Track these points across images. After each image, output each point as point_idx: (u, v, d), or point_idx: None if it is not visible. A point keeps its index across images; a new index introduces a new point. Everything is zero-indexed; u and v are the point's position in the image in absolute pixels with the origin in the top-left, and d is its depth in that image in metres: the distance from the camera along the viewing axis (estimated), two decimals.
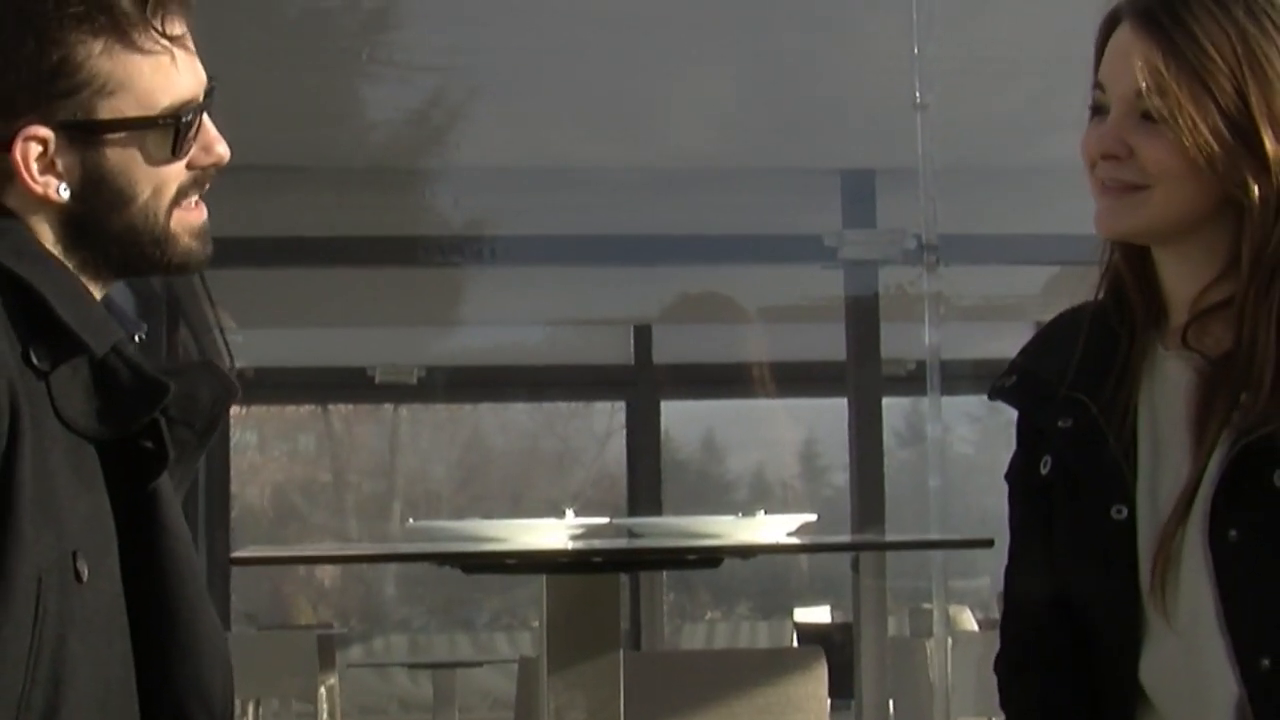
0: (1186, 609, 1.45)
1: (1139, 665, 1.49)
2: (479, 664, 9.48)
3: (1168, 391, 1.51)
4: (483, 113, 6.35)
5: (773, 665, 3.60)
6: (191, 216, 1.45)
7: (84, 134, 1.38)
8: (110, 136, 1.38)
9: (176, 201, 1.43)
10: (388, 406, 12.59)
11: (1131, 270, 1.58)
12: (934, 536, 5.34)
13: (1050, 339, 1.64)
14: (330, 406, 13.17)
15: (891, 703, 6.61)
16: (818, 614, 9.63)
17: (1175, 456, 1.48)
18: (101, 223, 1.40)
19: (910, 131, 5.45)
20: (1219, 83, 1.44)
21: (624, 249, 7.57)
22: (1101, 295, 1.60)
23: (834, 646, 5.54)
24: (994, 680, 1.64)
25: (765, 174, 6.78)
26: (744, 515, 2.94)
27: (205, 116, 1.45)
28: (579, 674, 2.98)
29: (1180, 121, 1.44)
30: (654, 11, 5.33)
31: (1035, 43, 5.49)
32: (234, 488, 10.60)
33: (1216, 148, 1.43)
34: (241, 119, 6.71)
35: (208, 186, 1.47)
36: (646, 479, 9.95)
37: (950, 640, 5.79)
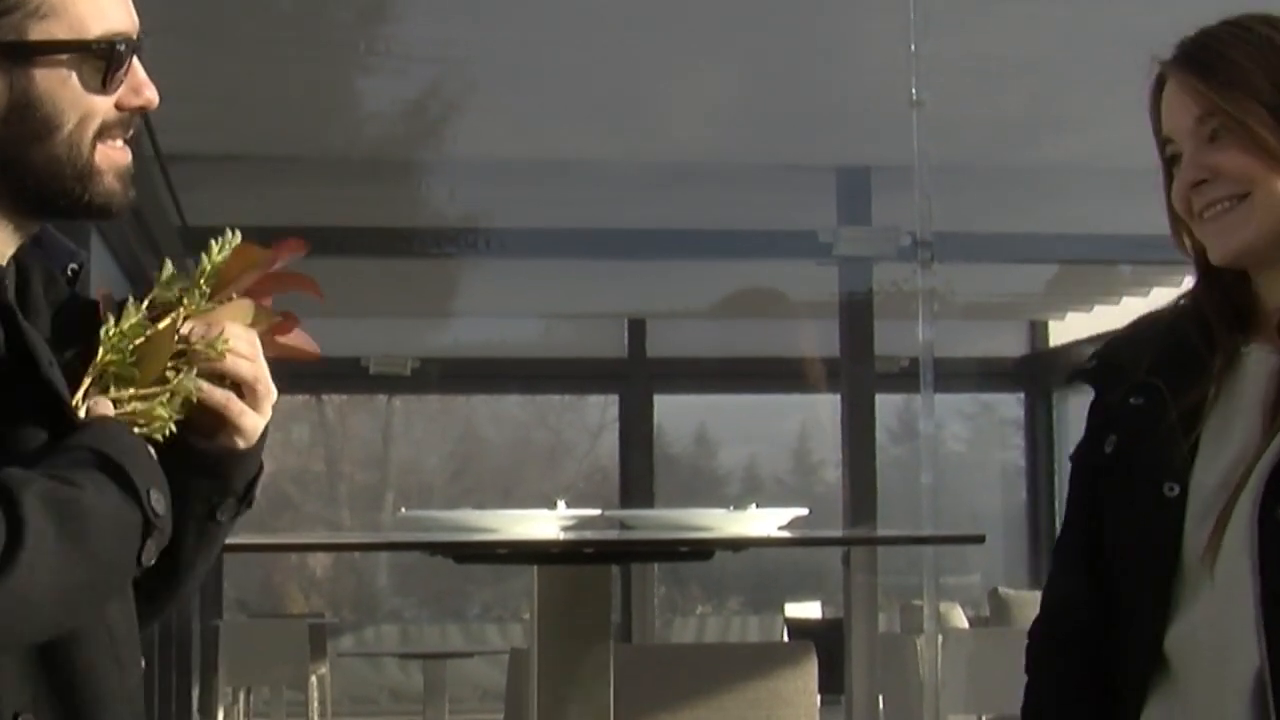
0: (1223, 577, 1.53)
1: (1165, 636, 1.58)
2: (470, 655, 9.48)
3: (1245, 382, 1.60)
4: (479, 105, 6.35)
5: (763, 660, 3.61)
6: (116, 155, 1.40)
7: (14, 55, 1.34)
8: (41, 59, 1.35)
9: (101, 137, 1.38)
10: (381, 397, 12.59)
11: (1219, 275, 1.66)
12: (925, 533, 5.35)
13: (1132, 334, 1.74)
14: (324, 396, 13.16)
15: (881, 699, 6.63)
16: (808, 609, 9.65)
17: (1241, 437, 1.57)
18: (24, 153, 1.36)
19: (906, 129, 5.46)
20: (1257, 84, 1.57)
21: (618, 243, 7.58)
22: (1186, 300, 1.70)
23: (824, 642, 5.56)
24: (983, 677, 1.69)
25: (761, 170, 6.78)
26: (735, 508, 2.94)
27: (136, 59, 1.41)
28: (569, 666, 2.98)
29: (1240, 123, 1.56)
30: (651, 6, 5.33)
31: (1031, 42, 5.50)
32: None
33: (1277, 138, 1.56)
34: (238, 110, 6.73)
35: (132, 132, 1.42)
36: (639, 472, 9.96)
37: (940, 637, 5.81)
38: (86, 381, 1.37)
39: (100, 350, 1.38)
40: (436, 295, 9.44)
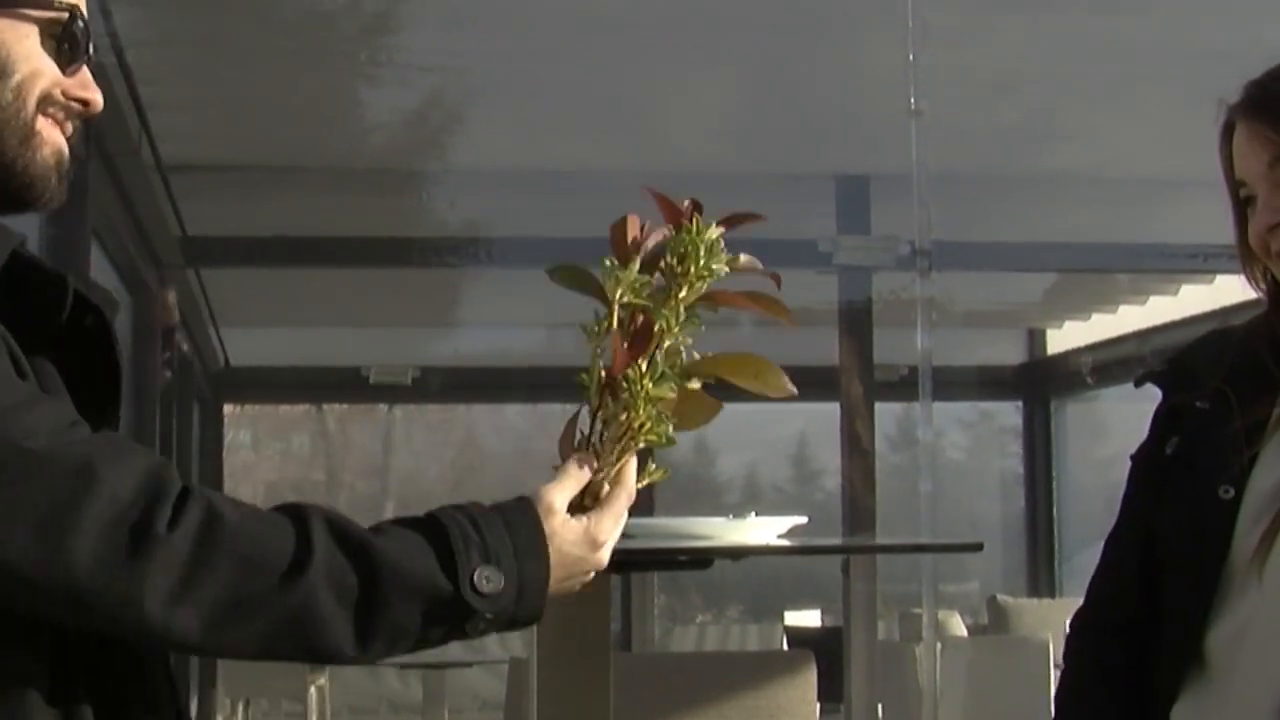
0: (1271, 582, 1.56)
1: (1207, 635, 1.61)
2: (469, 665, 9.47)
3: None
4: (480, 115, 6.36)
5: (762, 668, 3.61)
6: (56, 133, 1.39)
7: None
8: (5, 10, 1.36)
9: (46, 103, 1.38)
10: (382, 407, 12.58)
11: None
12: (924, 540, 5.36)
13: (1203, 345, 1.79)
14: (324, 406, 13.17)
15: (880, 707, 6.63)
16: (808, 618, 9.64)
17: None
18: None
19: (905, 138, 5.47)
20: None
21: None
22: (1259, 320, 1.73)
23: (823, 650, 5.57)
24: (981, 685, 1.72)
25: (760, 179, 6.79)
26: (735, 517, 2.95)
27: (87, 63, 1.42)
28: (569, 675, 2.98)
29: None
30: (651, 16, 5.34)
31: (1030, 52, 5.52)
32: (227, 486, 10.58)
33: None
34: (239, 120, 6.73)
35: (70, 129, 1.41)
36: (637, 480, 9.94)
37: (939, 645, 5.81)
38: (622, 441, 1.35)
39: (631, 408, 1.35)
40: (437, 305, 9.44)
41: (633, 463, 1.40)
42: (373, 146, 6.84)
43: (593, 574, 1.40)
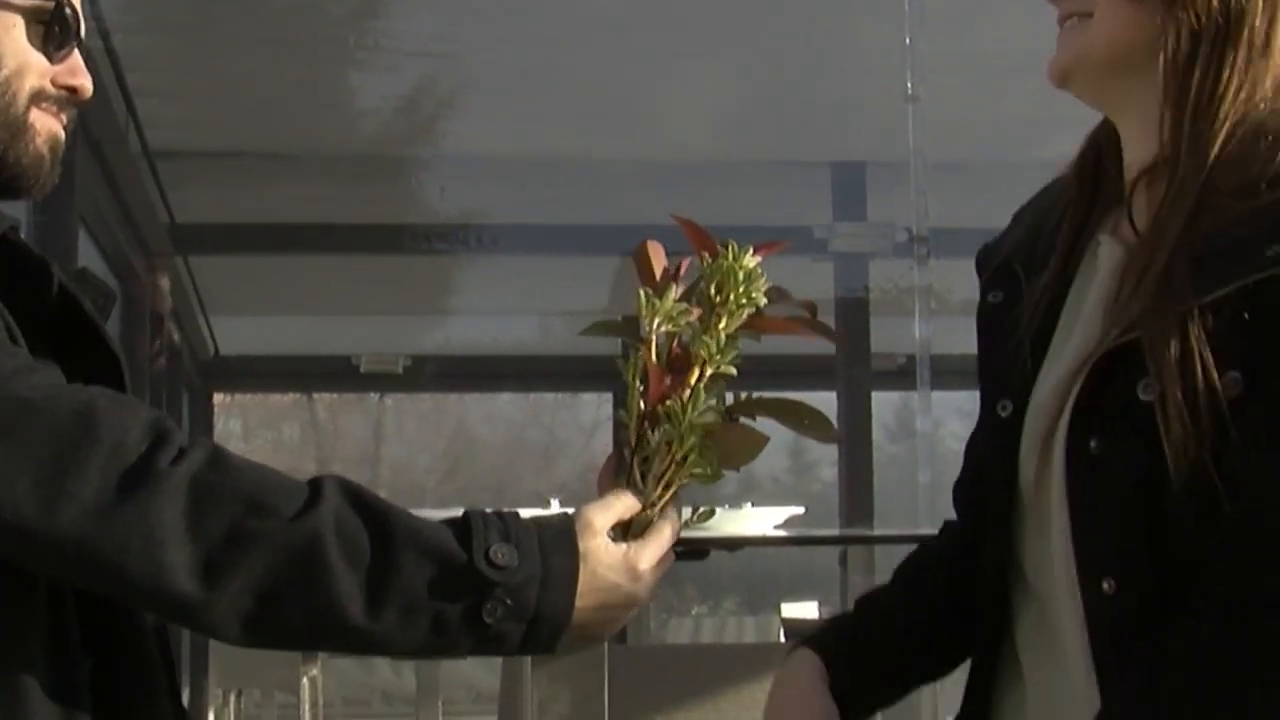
0: (1055, 515, 1.29)
1: (1023, 564, 1.35)
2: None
3: (1094, 279, 1.34)
4: (472, 102, 6.34)
5: (759, 660, 3.59)
6: (51, 121, 1.39)
7: None
8: None
9: (37, 97, 1.38)
10: (373, 396, 12.58)
11: (1098, 145, 1.46)
12: (923, 531, 5.32)
13: (1023, 209, 1.54)
14: (315, 395, 13.16)
15: None
16: (805, 609, 9.62)
17: (1080, 347, 1.29)
18: None
19: (901, 125, 5.44)
20: None
21: (612, 239, 7.56)
22: (1070, 170, 1.47)
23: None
24: None
25: (756, 166, 6.78)
26: (731, 507, 2.93)
27: (77, 49, 1.42)
28: (563, 667, 2.97)
29: None
30: (647, 3, 5.34)
31: (1027, 37, 5.48)
32: None
33: None
34: (228, 106, 6.66)
35: (66, 118, 1.41)
36: None
37: None
38: (666, 474, 1.31)
39: (677, 439, 1.31)
40: (429, 293, 9.42)
41: (678, 500, 1.34)
42: (363, 133, 6.84)
43: (634, 610, 1.32)
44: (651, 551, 1.31)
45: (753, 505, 2.97)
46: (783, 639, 8.46)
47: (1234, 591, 1.16)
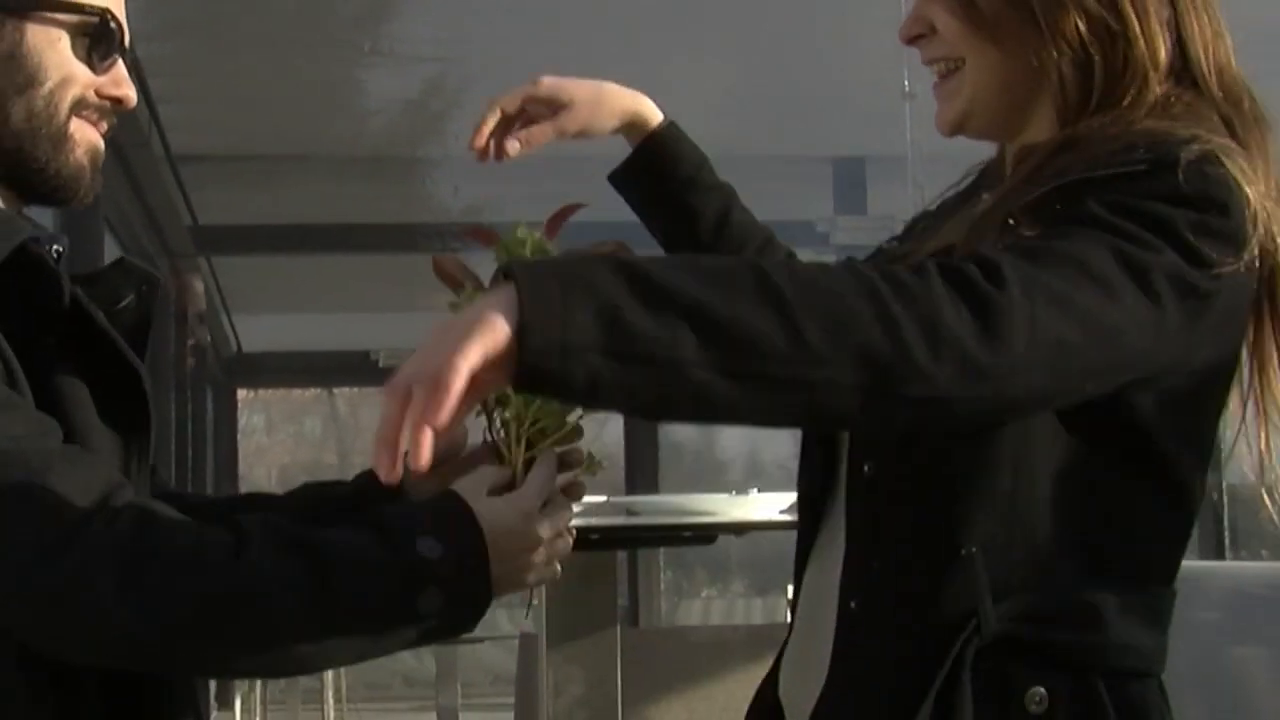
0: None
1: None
2: (480, 640, 9.55)
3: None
4: (481, 101, 6.39)
5: (767, 641, 3.68)
6: (91, 131, 1.41)
7: (11, 7, 1.37)
8: (35, 15, 1.37)
9: (79, 107, 1.40)
10: None
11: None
12: None
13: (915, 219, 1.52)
14: (335, 390, 13.21)
15: None
16: None
17: None
18: (3, 104, 1.37)
19: (900, 119, 5.51)
20: None
21: (624, 235, 7.62)
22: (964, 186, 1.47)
23: None
24: None
25: (757, 160, 6.82)
26: (738, 494, 3.00)
27: (120, 59, 1.43)
28: (577, 650, 3.05)
29: None
30: (648, 2, 5.38)
31: None
32: (242, 469, 10.68)
33: (988, 9, 1.31)
34: (243, 108, 6.73)
35: (106, 127, 1.43)
36: (644, 459, 10.02)
37: None
38: (521, 437, 1.35)
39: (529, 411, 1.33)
40: (444, 289, 9.47)
41: (547, 453, 1.40)
42: (375, 133, 6.84)
43: (551, 561, 1.36)
44: (531, 491, 1.36)
45: (759, 491, 3.06)
46: (789, 620, 8.55)
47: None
